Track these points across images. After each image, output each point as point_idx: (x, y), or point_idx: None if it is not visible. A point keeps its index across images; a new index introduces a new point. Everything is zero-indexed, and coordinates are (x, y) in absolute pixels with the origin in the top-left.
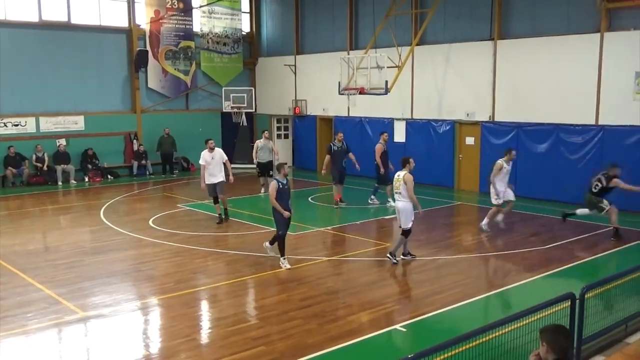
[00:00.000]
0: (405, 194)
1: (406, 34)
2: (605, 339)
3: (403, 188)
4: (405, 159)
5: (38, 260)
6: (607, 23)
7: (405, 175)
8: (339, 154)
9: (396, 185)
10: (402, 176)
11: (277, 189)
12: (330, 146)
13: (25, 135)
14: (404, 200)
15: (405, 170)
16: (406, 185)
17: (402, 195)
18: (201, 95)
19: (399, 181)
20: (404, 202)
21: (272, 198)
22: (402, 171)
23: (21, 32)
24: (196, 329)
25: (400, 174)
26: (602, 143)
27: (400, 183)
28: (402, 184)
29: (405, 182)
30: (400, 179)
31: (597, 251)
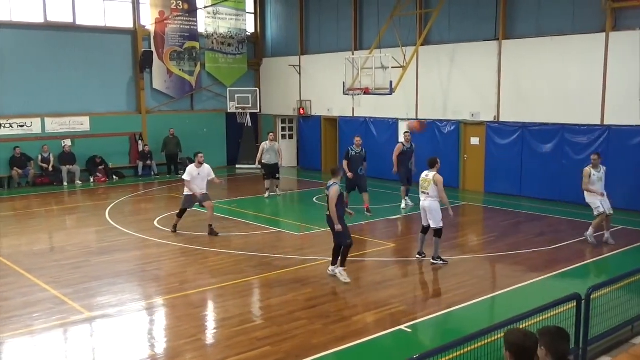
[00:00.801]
0: (434, 194)
1: (411, 34)
2: (611, 340)
3: (432, 188)
4: (433, 159)
5: (44, 260)
6: (613, 23)
7: (435, 176)
8: (356, 160)
9: (424, 186)
10: (431, 177)
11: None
12: (348, 151)
13: (31, 136)
14: (431, 200)
15: (434, 171)
16: (437, 186)
17: (429, 196)
18: (206, 95)
19: (428, 181)
20: (431, 201)
21: (333, 205)
22: (430, 172)
23: (26, 33)
24: (201, 329)
25: (428, 174)
26: (607, 143)
27: (429, 183)
28: (432, 185)
29: (436, 183)
30: (430, 179)
31: (603, 252)
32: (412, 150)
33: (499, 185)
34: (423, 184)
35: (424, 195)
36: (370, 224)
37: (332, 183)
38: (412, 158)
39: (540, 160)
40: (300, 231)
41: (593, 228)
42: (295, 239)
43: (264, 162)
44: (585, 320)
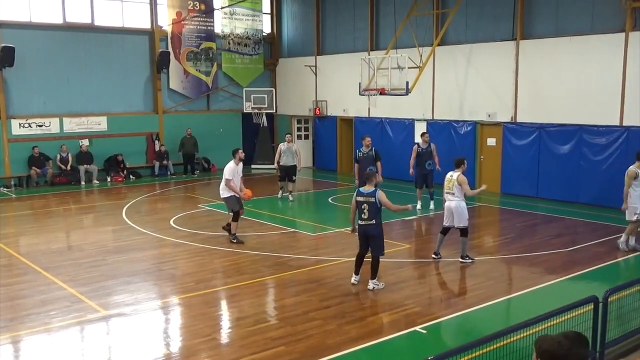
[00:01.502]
0: (459, 194)
1: (427, 35)
2: (628, 344)
3: (457, 189)
4: (460, 159)
5: (61, 259)
6: (633, 23)
7: (460, 177)
8: (365, 161)
9: (448, 186)
10: (455, 177)
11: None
12: (355, 152)
13: (49, 136)
14: (457, 200)
15: (459, 171)
16: (461, 187)
17: (455, 196)
18: (222, 96)
19: (452, 182)
20: (457, 201)
21: (393, 205)
22: (455, 172)
23: (46, 34)
24: (216, 328)
25: (453, 174)
26: (626, 144)
27: (453, 184)
28: (457, 185)
29: (460, 184)
30: (454, 179)
31: (621, 254)
32: (429, 151)
33: (515, 186)
34: (447, 184)
35: (449, 195)
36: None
37: (372, 189)
38: (431, 159)
39: (557, 162)
40: (315, 231)
41: (627, 234)
42: (310, 239)
43: (281, 164)
44: (602, 323)
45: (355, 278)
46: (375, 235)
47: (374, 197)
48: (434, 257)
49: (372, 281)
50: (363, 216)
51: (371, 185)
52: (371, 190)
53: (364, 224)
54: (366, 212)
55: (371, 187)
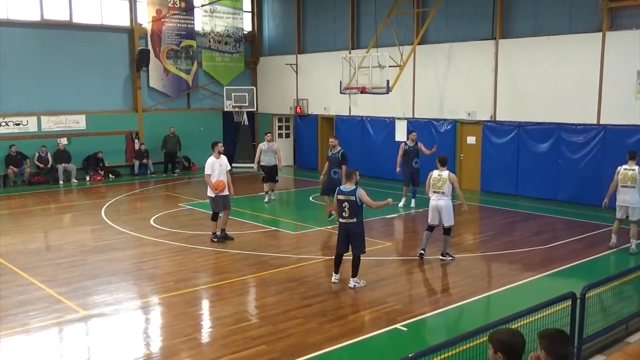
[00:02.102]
0: (449, 193)
1: (408, 33)
2: (606, 339)
3: (448, 187)
4: (444, 157)
5: (39, 259)
6: (609, 22)
7: (450, 175)
8: (332, 161)
9: (438, 185)
10: (445, 175)
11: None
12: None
13: (27, 135)
14: (445, 199)
15: (445, 169)
16: (454, 184)
17: (444, 195)
18: (202, 94)
19: (443, 180)
20: (446, 200)
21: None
22: (444, 170)
23: (23, 32)
24: (197, 328)
25: (442, 173)
26: (603, 142)
27: (444, 182)
28: (448, 184)
29: (452, 182)
30: (445, 178)
31: (598, 251)
32: (416, 149)
33: (495, 184)
34: (437, 183)
35: (437, 194)
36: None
37: (353, 188)
38: (418, 157)
39: (536, 160)
40: (297, 230)
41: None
42: (291, 237)
43: (263, 164)
44: (580, 319)
45: (336, 277)
46: (356, 234)
47: (355, 196)
48: (422, 253)
49: (353, 279)
50: (344, 214)
51: (352, 184)
52: (352, 189)
53: (344, 222)
54: (347, 211)
55: (352, 186)
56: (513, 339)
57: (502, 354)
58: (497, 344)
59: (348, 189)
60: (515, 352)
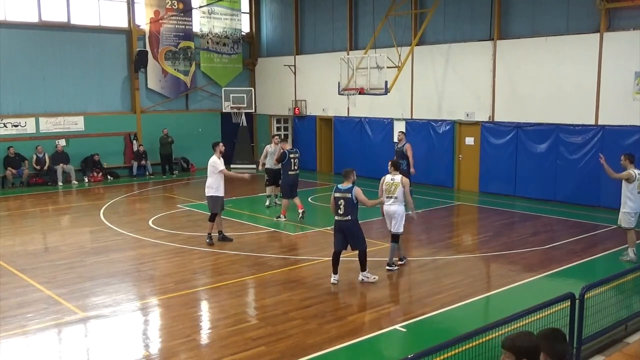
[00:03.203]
0: (402, 198)
1: (406, 34)
2: (605, 339)
3: (400, 192)
4: (396, 161)
5: (38, 260)
6: (607, 23)
7: (403, 179)
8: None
9: (391, 190)
10: (398, 179)
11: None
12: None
13: (25, 136)
14: (399, 204)
15: (398, 173)
16: (404, 188)
17: (397, 200)
18: (201, 95)
19: (395, 185)
20: (399, 205)
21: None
22: (396, 175)
23: (21, 33)
24: (196, 329)
25: (395, 177)
26: (601, 143)
27: (397, 187)
28: (400, 188)
29: (404, 186)
30: (397, 182)
31: (597, 251)
32: (402, 150)
33: (493, 185)
34: (389, 187)
35: (390, 199)
36: (364, 224)
37: (349, 186)
38: (404, 159)
39: (534, 160)
40: (295, 231)
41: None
42: (291, 238)
43: (268, 167)
44: (579, 320)
45: (335, 277)
46: (352, 231)
47: (351, 194)
48: (400, 263)
49: (362, 273)
50: (339, 212)
51: (349, 182)
52: (348, 187)
53: (339, 220)
54: (342, 208)
55: (349, 184)
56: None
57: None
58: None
59: (345, 187)
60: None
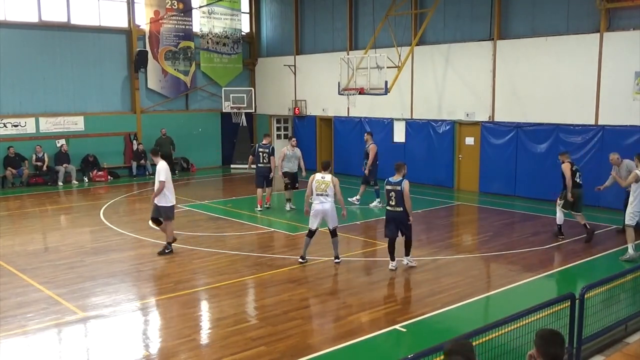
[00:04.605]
0: (332, 196)
1: (406, 34)
2: (605, 339)
3: (331, 190)
4: (327, 161)
5: (38, 260)
6: (607, 23)
7: (333, 178)
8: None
9: (322, 188)
10: (328, 178)
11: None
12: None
13: (25, 136)
14: (330, 202)
15: (329, 173)
16: (335, 187)
17: (329, 197)
18: (201, 95)
19: (326, 183)
20: (330, 203)
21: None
22: (327, 174)
23: (21, 33)
24: (196, 329)
25: (325, 176)
26: (601, 143)
27: (327, 185)
28: (331, 186)
29: (334, 185)
30: (328, 181)
31: (597, 251)
32: (366, 151)
33: (493, 185)
34: (320, 185)
35: (322, 197)
36: (364, 224)
37: (400, 179)
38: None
39: (534, 160)
40: (296, 231)
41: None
42: (290, 238)
43: (287, 170)
44: (579, 320)
45: (393, 264)
46: (403, 221)
47: (400, 186)
48: (301, 261)
49: (406, 257)
50: (391, 203)
51: (399, 175)
52: (399, 180)
53: (392, 210)
54: (394, 200)
55: (399, 177)
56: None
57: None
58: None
59: (396, 180)
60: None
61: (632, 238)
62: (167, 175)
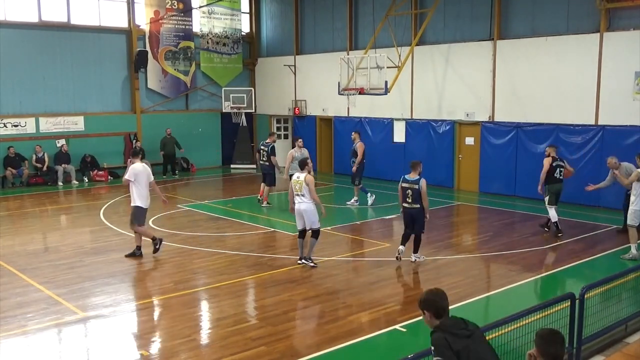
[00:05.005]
0: (308, 196)
1: (406, 34)
2: (605, 339)
3: (306, 190)
4: (303, 160)
5: (38, 260)
6: (607, 23)
7: (307, 177)
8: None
9: (297, 188)
10: (302, 178)
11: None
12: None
13: (25, 136)
14: (306, 202)
15: (305, 172)
16: (308, 186)
17: (305, 197)
18: (201, 95)
19: (300, 183)
20: (307, 203)
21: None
22: (302, 173)
23: (21, 33)
24: (196, 329)
25: (300, 175)
26: (601, 143)
27: (301, 185)
28: (305, 186)
29: (308, 184)
30: (301, 181)
31: (597, 251)
32: (354, 148)
33: (493, 185)
34: (295, 185)
35: (299, 197)
36: (365, 224)
37: (417, 177)
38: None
39: (534, 160)
40: (295, 231)
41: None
42: (290, 238)
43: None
44: (579, 320)
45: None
46: (419, 218)
47: (418, 185)
48: (299, 263)
49: (414, 255)
50: (408, 200)
51: (416, 173)
52: (416, 178)
53: (409, 207)
54: (410, 197)
55: (416, 175)
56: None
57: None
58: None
59: (413, 178)
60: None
61: (635, 238)
62: (136, 176)
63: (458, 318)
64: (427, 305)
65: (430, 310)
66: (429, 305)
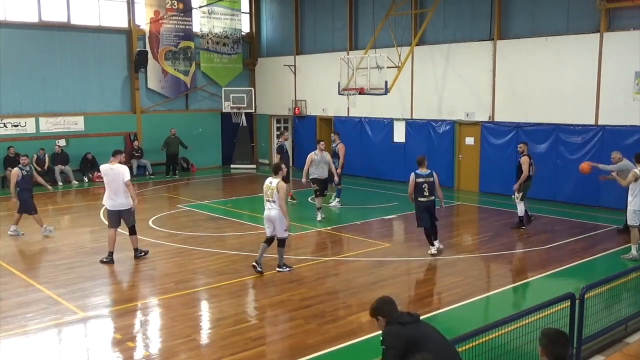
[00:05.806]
0: (278, 203)
1: (406, 34)
2: (605, 339)
3: (276, 196)
4: (277, 165)
5: (38, 260)
6: (607, 23)
7: (279, 184)
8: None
9: (268, 194)
10: (275, 184)
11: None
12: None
13: (25, 136)
14: (276, 209)
15: (278, 178)
16: (279, 193)
17: (275, 204)
18: (201, 95)
19: (272, 189)
20: (277, 210)
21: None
22: (274, 179)
23: (21, 33)
24: (196, 329)
25: (272, 181)
26: (602, 143)
27: (273, 191)
28: (275, 193)
29: (279, 191)
30: (274, 187)
31: (597, 251)
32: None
33: (493, 185)
34: (267, 191)
35: (269, 203)
36: (364, 224)
37: (429, 171)
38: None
39: (534, 160)
40: (295, 231)
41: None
42: (290, 238)
43: (316, 177)
44: (579, 320)
45: (433, 249)
46: (434, 208)
47: (432, 177)
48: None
49: (437, 242)
50: (425, 193)
51: (424, 168)
52: (429, 172)
53: (425, 200)
54: (427, 190)
55: (426, 170)
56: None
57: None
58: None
59: (425, 172)
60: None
61: (636, 239)
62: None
63: (403, 311)
64: (381, 312)
65: (385, 316)
66: (383, 311)
